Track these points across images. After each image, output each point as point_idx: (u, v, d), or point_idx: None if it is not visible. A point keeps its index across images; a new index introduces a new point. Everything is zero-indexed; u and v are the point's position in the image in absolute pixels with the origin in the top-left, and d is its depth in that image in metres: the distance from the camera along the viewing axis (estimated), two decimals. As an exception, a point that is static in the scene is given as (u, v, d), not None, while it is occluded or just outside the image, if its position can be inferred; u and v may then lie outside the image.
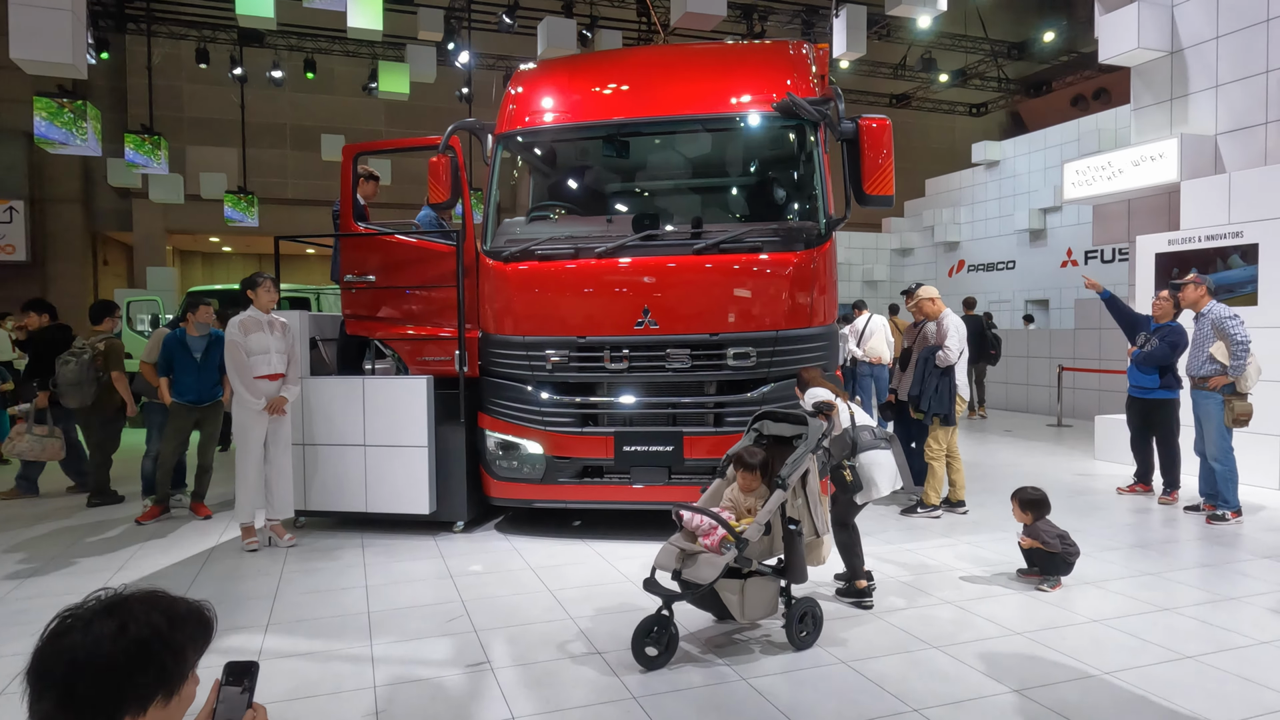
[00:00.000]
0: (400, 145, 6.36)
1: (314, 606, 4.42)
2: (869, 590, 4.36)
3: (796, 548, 3.69)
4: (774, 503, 3.64)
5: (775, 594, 3.79)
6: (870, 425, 4.32)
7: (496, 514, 6.47)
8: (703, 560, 3.57)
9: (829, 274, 5.53)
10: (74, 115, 9.50)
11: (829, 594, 4.45)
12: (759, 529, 3.57)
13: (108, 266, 26.38)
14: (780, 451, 4.03)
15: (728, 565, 3.49)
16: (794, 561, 3.70)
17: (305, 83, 20.95)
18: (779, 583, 3.80)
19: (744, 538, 3.52)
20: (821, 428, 3.88)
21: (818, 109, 5.20)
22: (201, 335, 6.47)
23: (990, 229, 20.87)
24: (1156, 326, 6.80)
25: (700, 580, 3.51)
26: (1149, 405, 6.88)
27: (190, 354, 6.40)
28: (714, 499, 4.01)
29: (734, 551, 3.50)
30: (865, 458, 4.17)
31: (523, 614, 4.28)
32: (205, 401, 6.54)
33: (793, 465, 3.71)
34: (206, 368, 6.50)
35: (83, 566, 5.24)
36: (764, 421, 4.16)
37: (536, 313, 5.64)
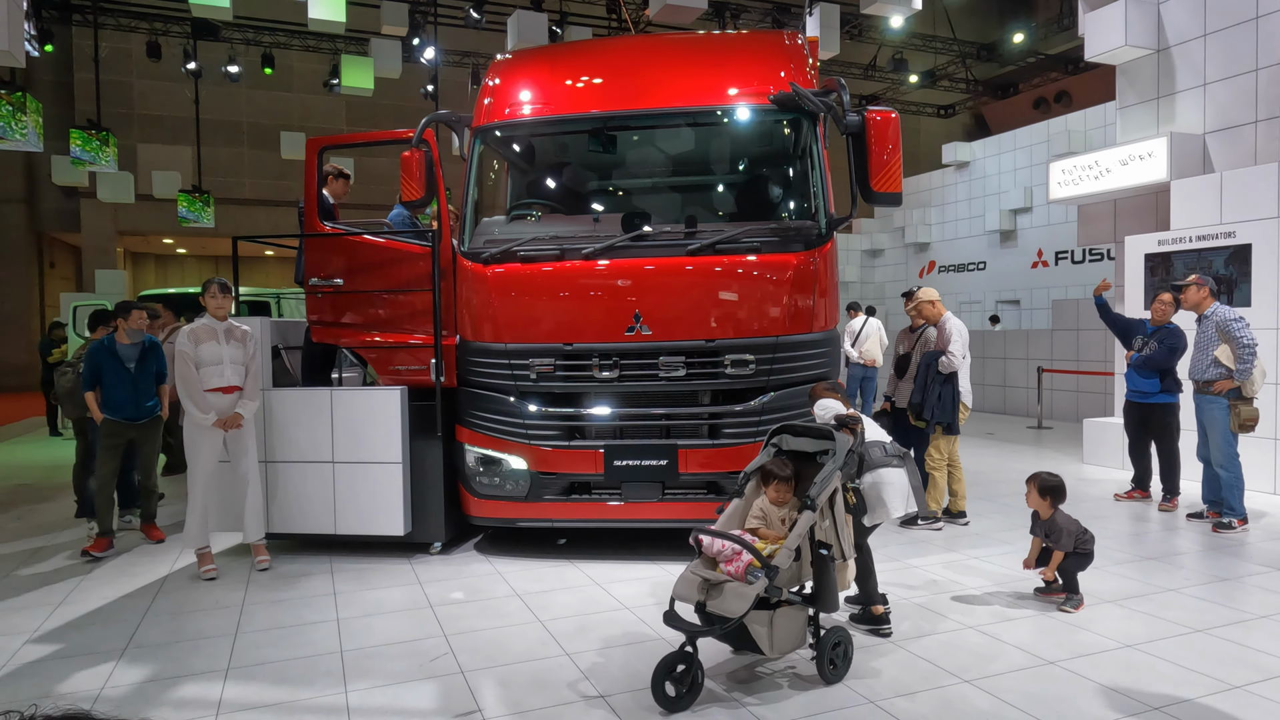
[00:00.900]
0: (369, 139, 5.93)
1: (279, 645, 4.00)
2: (886, 616, 4.06)
3: (828, 574, 3.38)
4: (803, 525, 3.33)
5: (804, 624, 3.46)
6: (882, 441, 4.03)
7: (475, 533, 6.06)
8: (729, 591, 3.22)
9: (830, 276, 5.23)
10: (12, 108, 8.87)
11: (840, 619, 4.14)
12: (789, 555, 3.26)
13: (54, 269, 25.31)
14: (801, 469, 3.72)
15: (758, 596, 3.16)
16: (825, 589, 3.39)
17: (263, 79, 20.26)
18: (808, 612, 3.48)
19: (774, 565, 3.20)
20: (849, 443, 3.58)
21: (822, 100, 4.90)
22: (134, 343, 5.83)
23: (960, 230, 20.88)
24: (1154, 329, 6.65)
25: (729, 614, 3.17)
26: (1149, 410, 6.73)
27: (122, 365, 5.78)
28: (734, 521, 3.69)
29: (764, 581, 3.17)
30: (874, 477, 3.88)
31: (512, 650, 3.90)
32: (141, 418, 5.86)
33: (821, 484, 3.40)
34: (141, 379, 5.84)
35: (19, 603, 4.73)
36: (783, 436, 3.84)
37: (519, 318, 5.26)
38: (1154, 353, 6.52)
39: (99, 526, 5.71)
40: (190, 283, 26.63)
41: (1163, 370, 6.56)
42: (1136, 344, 6.70)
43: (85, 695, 3.46)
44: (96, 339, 6.10)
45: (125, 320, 5.80)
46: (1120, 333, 6.95)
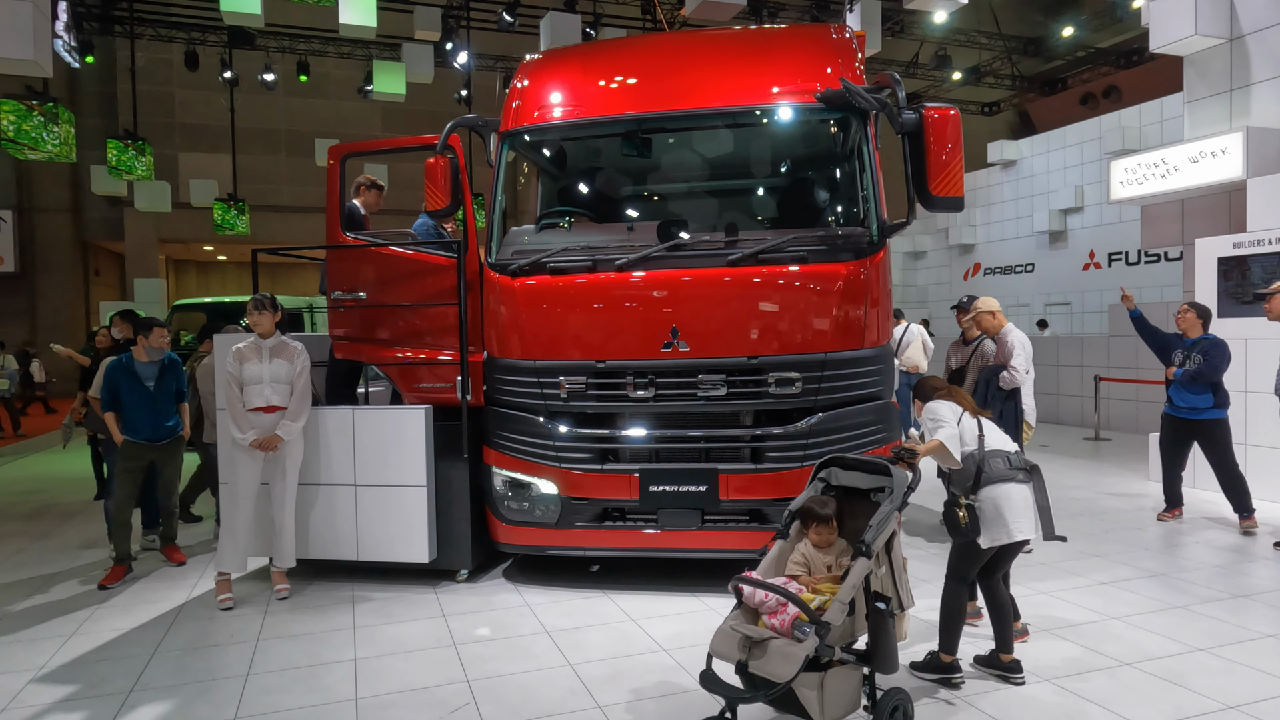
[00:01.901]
0: (393, 145, 5.67)
1: (291, 690, 3.72)
2: (957, 665, 3.67)
3: (886, 631, 3.00)
4: (857, 575, 2.95)
5: (859, 685, 3.06)
6: (1005, 451, 3.63)
7: (503, 558, 5.77)
8: (775, 651, 2.82)
9: (883, 287, 4.84)
10: (44, 119, 8.82)
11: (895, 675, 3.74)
12: (842, 609, 2.88)
13: (99, 277, 25.73)
14: (853, 507, 3.35)
15: (808, 657, 2.78)
16: (883, 647, 3.01)
17: (298, 87, 20.34)
18: (862, 671, 3.10)
19: (825, 621, 2.81)
20: (907, 480, 3.20)
21: (875, 97, 4.52)
22: (153, 361, 5.65)
23: (1007, 230, 20.21)
24: (1192, 342, 6.29)
25: (774, 677, 2.78)
26: (1201, 426, 6.32)
27: (140, 383, 5.60)
28: (776, 566, 3.31)
29: (814, 640, 2.78)
30: (993, 492, 3.49)
31: (540, 701, 3.58)
32: (161, 439, 5.67)
33: (877, 528, 3.02)
34: (160, 398, 5.65)
35: (30, 634, 4.53)
36: (832, 470, 3.47)
37: (549, 334, 4.95)
38: (1202, 366, 6.16)
39: (116, 552, 5.52)
40: (230, 290, 26.95)
41: (1214, 384, 6.20)
42: (1177, 358, 6.36)
43: (82, 748, 3.22)
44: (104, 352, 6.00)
45: (146, 338, 5.61)
46: (1159, 348, 6.55)
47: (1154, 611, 4.56)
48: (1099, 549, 5.84)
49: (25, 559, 6.10)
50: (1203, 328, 6.35)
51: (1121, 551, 5.78)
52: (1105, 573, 5.29)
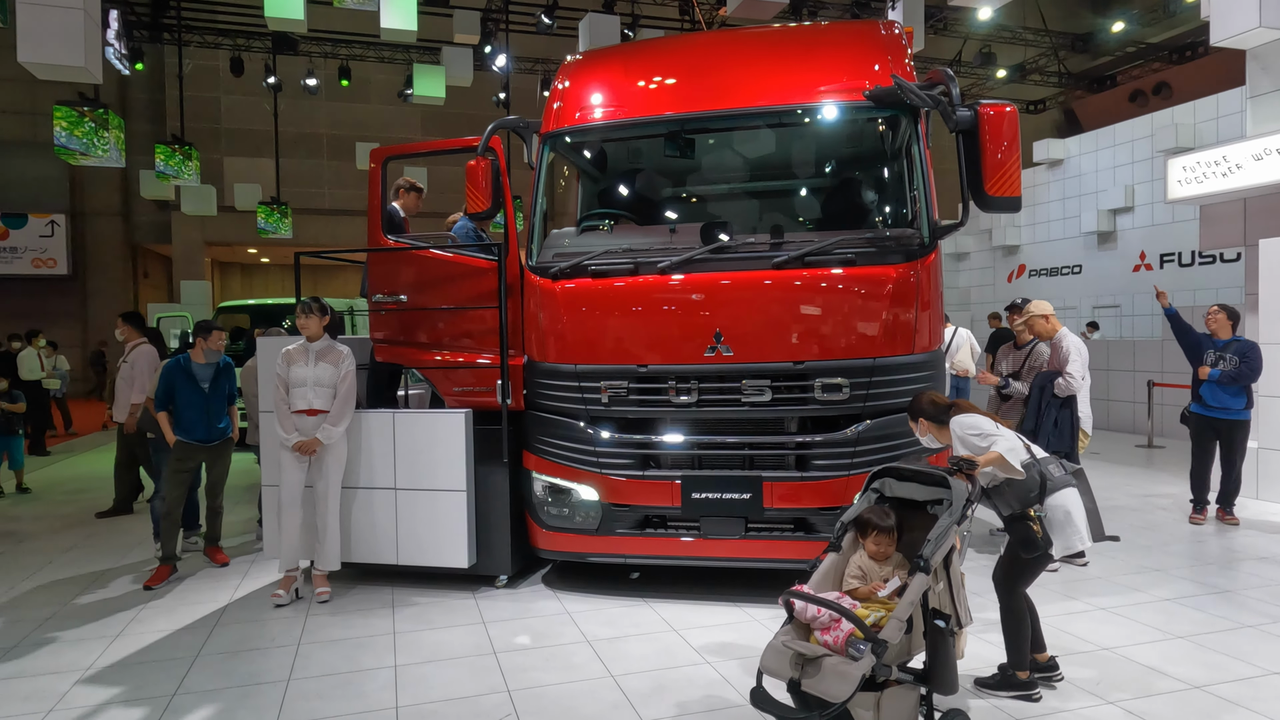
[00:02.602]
0: (434, 148, 5.65)
1: (331, 698, 3.70)
2: (1035, 680, 3.52)
3: (945, 650, 2.88)
4: (915, 591, 2.82)
5: (915, 706, 2.92)
6: (1053, 457, 3.52)
7: (542, 564, 5.71)
8: (829, 669, 2.71)
9: (934, 290, 4.69)
10: (95, 125, 9.00)
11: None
12: (899, 626, 2.75)
13: (148, 279, 26.34)
14: (908, 519, 3.22)
15: (864, 676, 2.66)
16: (942, 667, 2.88)
17: (340, 91, 20.58)
18: (919, 691, 2.96)
19: (882, 639, 2.68)
20: (966, 492, 3.06)
21: (929, 94, 4.37)
22: (209, 363, 5.75)
23: (1053, 231, 19.70)
24: (1224, 343, 6.38)
25: (828, 697, 2.67)
26: (1230, 426, 6.44)
27: (196, 384, 5.68)
28: (829, 580, 3.19)
29: (870, 659, 2.65)
30: (1058, 500, 3.37)
31: (582, 714, 3.50)
32: (213, 440, 5.76)
33: (936, 542, 2.89)
34: (214, 400, 5.76)
35: (77, 634, 4.58)
36: (886, 480, 3.34)
37: (590, 337, 4.88)
38: (1241, 368, 6.27)
39: (163, 551, 5.58)
40: (273, 292, 27.41)
41: (1247, 386, 6.32)
42: (1210, 359, 6.45)
43: (126, 752, 3.22)
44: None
45: (205, 340, 5.69)
46: (1189, 346, 6.61)
47: (1223, 631, 4.34)
48: (1159, 563, 5.61)
49: (75, 557, 6.19)
50: (1232, 329, 6.45)
51: (1182, 565, 5.55)
52: (1166, 588, 5.07)
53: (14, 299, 22.06)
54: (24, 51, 6.69)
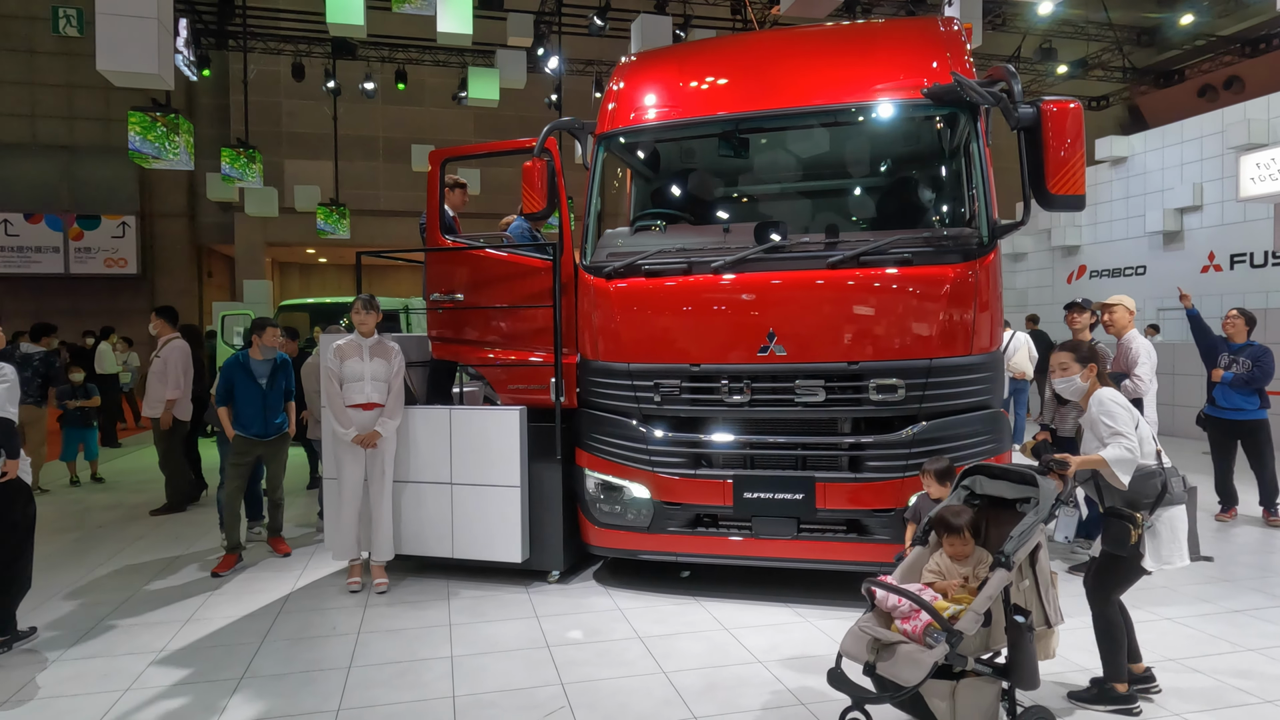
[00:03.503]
0: (491, 149, 5.75)
1: (391, 685, 3.79)
2: (1134, 695, 3.45)
3: (1025, 645, 2.89)
4: (995, 586, 2.84)
5: (995, 700, 2.93)
6: (1175, 469, 3.46)
7: (593, 560, 5.76)
8: (903, 655, 2.81)
9: (993, 290, 4.61)
10: (166, 129, 9.36)
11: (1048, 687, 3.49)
12: (976, 619, 2.78)
13: (211, 279, 27.23)
14: (998, 516, 3.22)
15: (936, 664, 2.73)
16: (1022, 662, 2.90)
17: (395, 95, 21.00)
18: (999, 685, 2.96)
19: (957, 630, 2.73)
20: (1055, 491, 3.05)
21: (991, 92, 4.30)
22: (266, 360, 5.92)
23: (1116, 231, 19.12)
24: (1239, 346, 6.48)
25: (901, 681, 2.78)
26: (1245, 426, 6.59)
27: (254, 380, 5.86)
28: (913, 571, 3.25)
29: (944, 648, 2.72)
30: (1169, 514, 3.34)
31: (635, 709, 3.53)
32: (270, 435, 5.91)
33: (1019, 539, 2.91)
34: (271, 396, 5.90)
35: (150, 619, 4.77)
36: (977, 478, 3.36)
37: (643, 336, 4.91)
38: (1255, 372, 6.43)
39: (227, 541, 5.78)
40: (330, 291, 28.08)
41: (1261, 388, 6.40)
42: (1224, 361, 6.62)
43: (198, 731, 3.36)
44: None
45: (260, 337, 5.87)
46: (1205, 348, 6.80)
47: (1297, 645, 4.18)
48: (1226, 573, 5.43)
49: (145, 545, 6.45)
50: (1248, 334, 6.60)
51: (1252, 576, 5.35)
52: (1236, 599, 4.91)
53: (88, 297, 23.01)
54: (102, 60, 6.99)
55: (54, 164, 23.11)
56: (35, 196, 22.76)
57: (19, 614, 4.37)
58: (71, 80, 22.87)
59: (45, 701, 3.65)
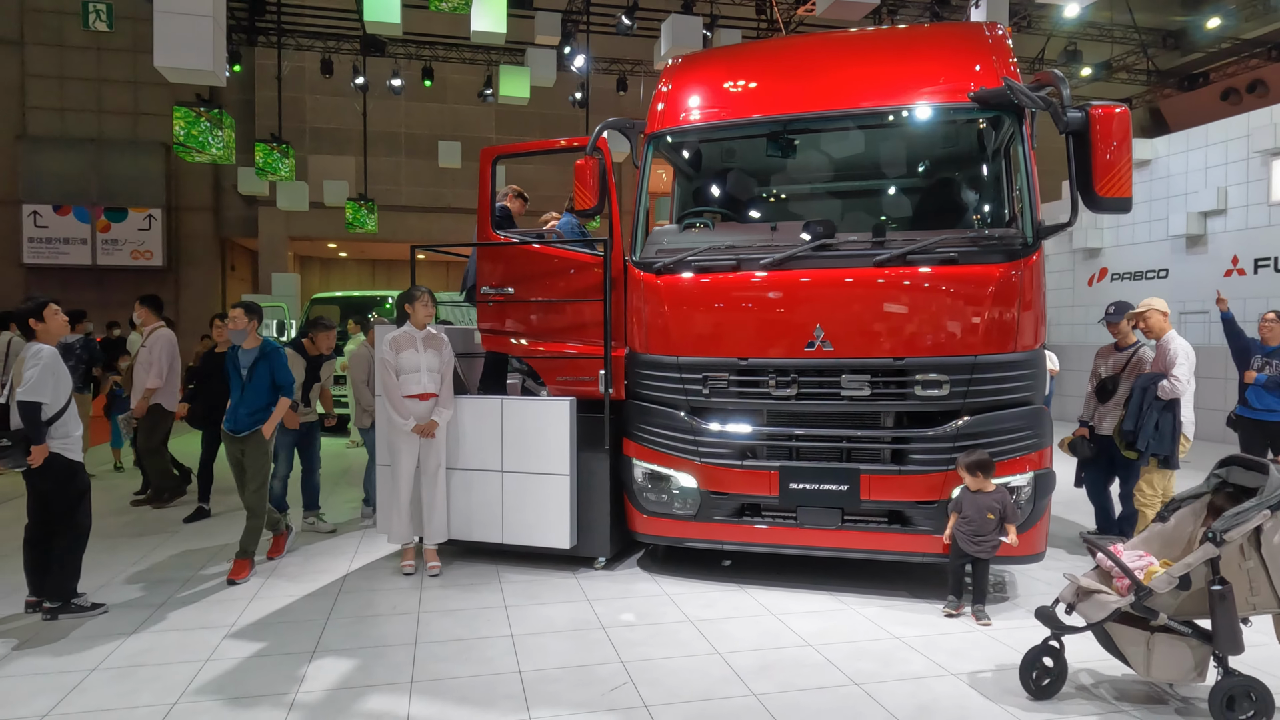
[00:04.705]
0: (542, 147, 5.91)
1: (458, 660, 3.96)
2: None
3: (1223, 612, 3.19)
4: (1196, 557, 3.23)
5: (1195, 660, 3.30)
6: None
7: (637, 548, 5.92)
8: (1093, 600, 3.41)
9: (1037, 289, 4.73)
10: (210, 125, 9.57)
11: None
12: (1168, 580, 3.22)
13: (234, 272, 27.56)
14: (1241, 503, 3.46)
15: (1119, 610, 3.30)
16: (1220, 628, 3.21)
17: (418, 92, 21.19)
18: (1206, 650, 3.29)
19: (1146, 587, 3.24)
20: None
21: (1040, 96, 4.42)
22: (251, 349, 5.38)
23: (1138, 234, 19.12)
24: (1271, 349, 6.50)
25: (1086, 618, 3.41)
26: (1276, 428, 6.57)
27: (236, 371, 5.36)
28: (1151, 544, 3.65)
29: (1129, 598, 3.27)
30: None
31: (694, 686, 3.68)
32: (241, 430, 5.33)
33: (1231, 519, 3.21)
34: (250, 389, 5.33)
35: (216, 597, 4.96)
36: (1231, 468, 3.62)
37: (691, 331, 5.06)
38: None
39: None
40: (350, 285, 28.36)
41: None
42: (1257, 363, 6.62)
43: (283, 698, 3.53)
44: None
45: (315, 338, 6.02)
46: (1238, 350, 6.85)
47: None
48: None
49: (196, 529, 6.64)
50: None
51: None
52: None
53: (114, 289, 23.33)
54: (160, 57, 7.18)
55: (83, 157, 23.45)
56: (64, 189, 23.10)
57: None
58: (100, 74, 23.21)
59: (130, 669, 3.84)
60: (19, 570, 4.59)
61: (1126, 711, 3.44)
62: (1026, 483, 4.67)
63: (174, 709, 3.44)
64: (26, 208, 22.79)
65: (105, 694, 3.58)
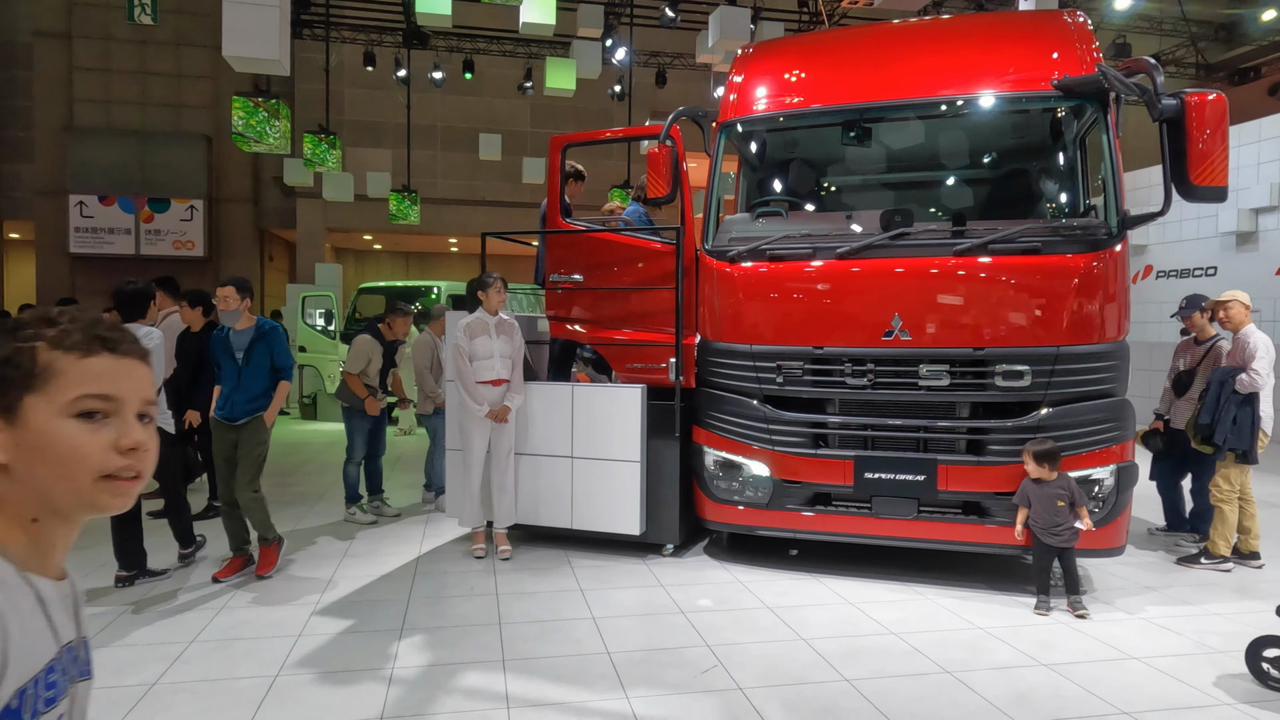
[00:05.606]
0: (614, 136, 5.92)
1: (546, 641, 4.00)
2: None
3: None
4: None
5: None
6: None
7: (701, 535, 5.94)
8: None
9: (1121, 280, 4.67)
10: (268, 115, 9.70)
11: None
12: None
13: (272, 263, 27.91)
14: None
15: None
16: None
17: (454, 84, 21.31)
18: None
19: None
20: None
21: (1135, 84, 4.36)
22: (246, 330, 4.98)
23: (1185, 231, 18.78)
24: None
25: None
26: None
27: (230, 354, 4.96)
28: None
29: None
30: None
31: (784, 670, 3.69)
32: (238, 418, 4.93)
33: None
34: (248, 373, 4.93)
35: (293, 576, 5.05)
36: None
37: (766, 319, 5.06)
38: None
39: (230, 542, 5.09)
40: (385, 277, 28.62)
41: None
42: None
43: (380, 673, 3.59)
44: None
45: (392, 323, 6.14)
46: None
47: None
48: (1340, 570, 5.43)
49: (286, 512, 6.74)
50: None
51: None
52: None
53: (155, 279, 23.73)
54: (228, 46, 7.28)
55: (127, 148, 23.83)
56: (109, 179, 23.49)
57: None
58: (145, 67, 23.56)
59: (226, 643, 3.92)
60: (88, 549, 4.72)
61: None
62: (1109, 475, 4.62)
63: (276, 680, 3.52)
64: (73, 198, 23.24)
65: (207, 665, 3.66)
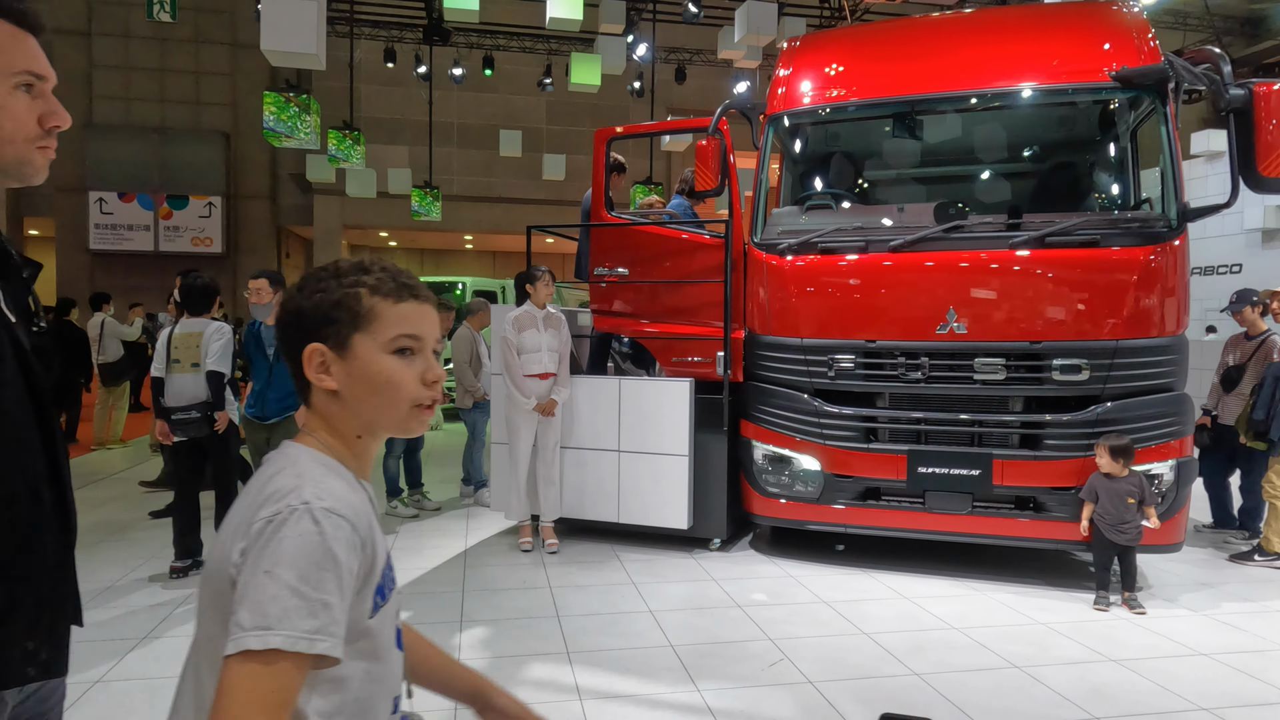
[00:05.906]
0: (661, 128, 5.90)
1: (607, 633, 3.99)
2: None
3: None
4: None
5: None
6: None
7: (747, 529, 5.92)
8: None
9: (1181, 273, 4.63)
10: (298, 110, 9.71)
11: None
12: None
13: (289, 259, 28.00)
14: None
15: None
16: None
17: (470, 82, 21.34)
18: None
19: None
20: None
21: (1204, 73, 4.32)
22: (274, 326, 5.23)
23: (1210, 227, 18.57)
24: None
25: None
26: None
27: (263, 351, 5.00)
28: None
29: None
30: None
31: (850, 663, 3.67)
32: (269, 418, 4.92)
33: None
34: (279, 370, 4.88)
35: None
36: None
37: (818, 312, 5.03)
38: None
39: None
40: (402, 273, 28.68)
41: None
42: None
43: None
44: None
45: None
46: None
47: None
48: (1394, 567, 5.37)
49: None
50: None
51: None
52: None
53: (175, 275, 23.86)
54: (267, 40, 7.29)
55: (146, 145, 23.92)
56: (128, 176, 23.59)
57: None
58: (164, 64, 23.63)
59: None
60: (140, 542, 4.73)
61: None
62: (1169, 470, 4.58)
63: (345, 672, 3.51)
64: (93, 195, 23.35)
65: (274, 656, 3.66)
